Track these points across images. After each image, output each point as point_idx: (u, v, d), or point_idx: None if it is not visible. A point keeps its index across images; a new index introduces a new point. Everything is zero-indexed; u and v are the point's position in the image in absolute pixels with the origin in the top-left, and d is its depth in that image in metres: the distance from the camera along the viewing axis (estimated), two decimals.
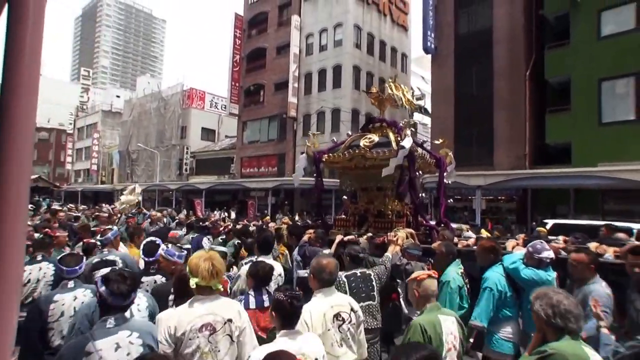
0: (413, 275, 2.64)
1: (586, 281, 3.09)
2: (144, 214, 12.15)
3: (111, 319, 2.04)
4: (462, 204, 17.32)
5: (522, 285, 3.29)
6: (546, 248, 3.30)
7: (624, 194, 12.45)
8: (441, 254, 3.83)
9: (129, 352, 2.00)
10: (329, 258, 2.78)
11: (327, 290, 2.62)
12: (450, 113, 16.92)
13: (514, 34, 15.36)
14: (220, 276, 2.34)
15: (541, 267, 3.25)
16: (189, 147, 31.85)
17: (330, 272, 2.64)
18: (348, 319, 2.49)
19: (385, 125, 5.78)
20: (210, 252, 2.49)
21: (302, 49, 24.14)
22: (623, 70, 12.62)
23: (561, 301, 1.88)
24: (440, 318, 2.40)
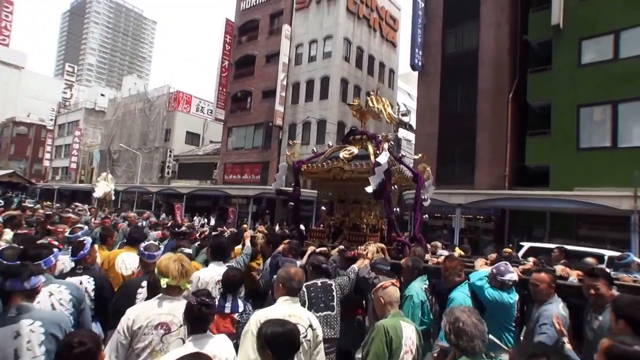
0: (378, 285, 2.82)
1: (544, 301, 3.13)
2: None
3: (13, 309, 2.13)
4: (441, 222, 17.43)
5: (485, 304, 3.30)
6: (509, 270, 3.32)
7: (598, 219, 12.72)
8: (407, 268, 3.86)
9: (29, 339, 2.07)
10: (296, 267, 2.77)
11: (292, 300, 2.60)
12: (435, 130, 17.11)
13: (498, 57, 15.70)
14: (189, 276, 2.48)
15: (504, 289, 3.27)
16: (173, 150, 31.40)
17: (298, 281, 2.62)
18: (303, 333, 2.42)
19: (365, 138, 5.72)
20: (178, 254, 2.64)
21: (292, 59, 24.19)
22: (601, 98, 12.98)
23: (459, 319, 1.94)
24: (402, 324, 2.58)
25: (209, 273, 3.69)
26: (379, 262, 4.06)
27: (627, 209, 10.87)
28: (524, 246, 9.97)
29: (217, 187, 25.65)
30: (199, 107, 34.27)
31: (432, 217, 17.03)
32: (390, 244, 5.35)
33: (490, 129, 15.38)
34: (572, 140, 13.28)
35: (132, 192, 31.24)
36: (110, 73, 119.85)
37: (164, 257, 2.55)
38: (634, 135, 12.54)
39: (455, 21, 17.48)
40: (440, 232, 16.98)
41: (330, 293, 3.42)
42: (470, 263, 4.55)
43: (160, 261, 2.52)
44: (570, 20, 13.74)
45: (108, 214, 12.94)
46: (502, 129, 15.01)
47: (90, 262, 3.50)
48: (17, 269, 2.21)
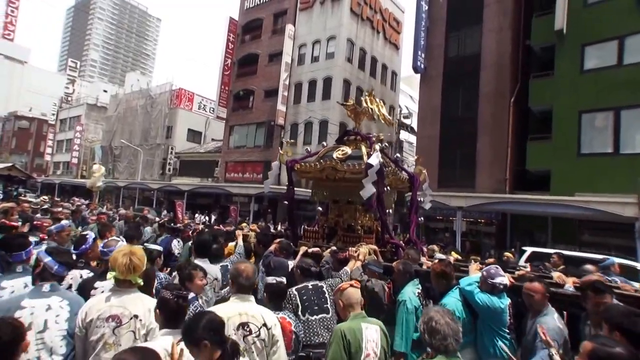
0: (337, 287, 2.80)
1: (539, 312, 3.06)
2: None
3: (47, 285, 2.41)
4: (442, 224, 17.44)
5: (476, 308, 3.26)
6: (500, 274, 3.26)
7: (601, 225, 12.71)
8: (398, 272, 3.78)
9: (58, 314, 2.33)
10: (247, 263, 2.69)
11: (242, 297, 2.49)
12: (436, 133, 17.12)
13: (501, 61, 15.70)
14: (138, 271, 2.42)
15: (495, 293, 3.21)
16: (174, 147, 31.44)
17: (247, 277, 2.51)
18: (256, 332, 2.34)
19: (359, 139, 5.74)
20: (132, 248, 2.58)
21: (294, 59, 24.21)
22: (603, 104, 12.98)
23: (432, 318, 1.99)
24: (363, 325, 2.52)
25: None
26: (372, 264, 4.02)
27: (631, 216, 10.85)
28: (527, 251, 9.97)
29: (218, 185, 25.67)
30: (201, 105, 34.31)
31: (433, 219, 17.04)
32: (384, 246, 5.35)
33: (491, 133, 15.38)
34: (573, 145, 13.28)
35: (133, 188, 31.31)
36: (113, 69, 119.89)
37: (115, 251, 2.53)
38: (637, 142, 12.53)
39: (458, 25, 17.48)
40: (442, 234, 17.00)
41: (323, 295, 3.36)
42: (465, 267, 4.53)
43: (112, 254, 2.49)
44: (574, 26, 13.74)
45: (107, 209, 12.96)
46: (503, 133, 15.01)
47: (92, 256, 3.47)
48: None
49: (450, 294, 3.41)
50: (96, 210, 12.38)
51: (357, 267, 3.97)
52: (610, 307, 2.50)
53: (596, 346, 1.71)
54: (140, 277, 2.45)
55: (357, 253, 4.18)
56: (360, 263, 4.06)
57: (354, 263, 4.04)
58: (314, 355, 3.07)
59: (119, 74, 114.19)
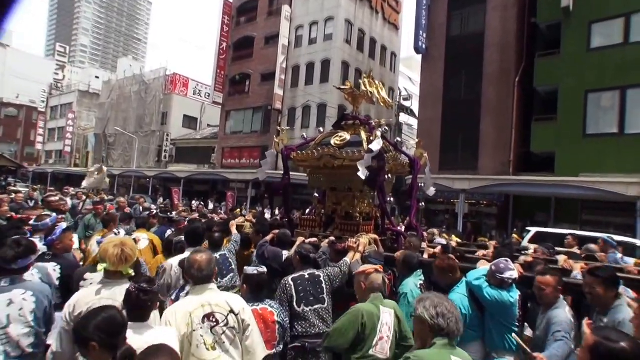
0: (361, 269, 2.83)
1: (550, 305, 2.95)
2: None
3: (6, 279, 2.33)
4: (443, 206, 17.34)
5: (484, 304, 3.13)
6: (510, 267, 3.11)
7: (602, 205, 12.65)
8: (400, 262, 3.69)
9: (21, 307, 2.27)
10: (203, 253, 2.50)
11: (199, 288, 2.33)
12: (438, 115, 16.84)
13: (505, 40, 15.36)
14: (130, 262, 2.38)
15: (504, 287, 3.07)
16: (170, 134, 30.96)
17: (199, 269, 2.34)
18: (223, 321, 2.22)
19: (358, 123, 5.48)
20: (122, 238, 2.55)
21: (291, 41, 23.64)
22: (609, 83, 12.76)
23: (442, 302, 1.95)
24: (381, 309, 2.58)
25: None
26: (373, 255, 3.85)
27: (634, 195, 10.78)
28: (531, 231, 9.85)
29: (215, 172, 25.36)
30: (196, 90, 33.67)
31: (434, 202, 16.92)
32: (385, 235, 5.22)
33: (495, 114, 15.13)
34: (579, 126, 13.10)
35: (129, 176, 30.88)
36: (104, 55, 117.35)
37: (105, 241, 2.49)
38: None
39: (461, 3, 17.02)
40: (443, 216, 16.92)
41: (319, 285, 3.26)
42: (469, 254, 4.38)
43: (102, 245, 2.44)
44: (581, 3, 13.40)
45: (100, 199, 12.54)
46: (508, 114, 14.78)
47: (61, 248, 3.27)
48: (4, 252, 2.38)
49: (455, 289, 3.28)
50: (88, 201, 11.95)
51: (357, 260, 3.76)
52: None
53: (598, 340, 1.58)
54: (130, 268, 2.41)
55: (357, 244, 3.96)
56: (359, 255, 3.86)
57: (353, 254, 3.84)
58: (309, 346, 3.02)
59: (110, 59, 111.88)
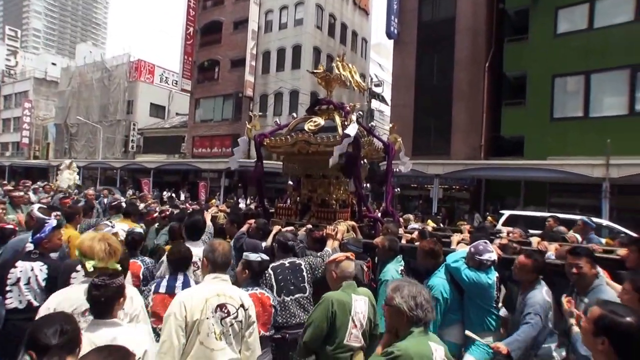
0: (332, 257, 2.77)
1: (529, 286, 3.01)
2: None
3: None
4: (417, 192, 17.56)
5: (463, 286, 3.17)
6: (489, 249, 3.16)
7: (569, 187, 13.13)
8: (383, 249, 3.62)
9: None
10: (222, 240, 2.54)
11: (219, 277, 2.32)
12: (411, 101, 16.89)
13: (475, 26, 15.47)
14: (117, 255, 2.31)
15: (482, 269, 3.11)
16: (137, 123, 29.70)
17: (223, 254, 2.35)
18: (234, 314, 2.22)
19: (332, 108, 5.39)
20: (103, 233, 2.52)
21: (261, 26, 23.02)
22: (575, 68, 13.13)
23: (420, 292, 1.90)
24: (353, 297, 2.51)
25: None
26: (351, 242, 3.79)
27: (599, 177, 11.20)
28: (504, 214, 10.10)
29: (186, 161, 24.65)
30: (162, 77, 32.31)
31: (407, 187, 17.10)
32: (362, 221, 5.20)
33: (466, 99, 15.32)
34: (546, 110, 13.46)
35: (94, 168, 29.55)
36: (61, 40, 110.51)
37: (86, 237, 2.35)
38: (605, 105, 12.85)
39: None
40: (416, 202, 17.14)
41: (300, 274, 3.21)
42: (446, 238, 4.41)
43: (82, 242, 2.31)
44: None
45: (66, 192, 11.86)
46: (478, 99, 14.99)
47: (49, 247, 3.08)
48: None
49: (437, 273, 3.30)
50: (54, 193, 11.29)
51: (335, 247, 3.73)
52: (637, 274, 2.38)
53: (604, 313, 1.58)
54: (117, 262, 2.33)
55: (335, 231, 3.91)
56: (338, 242, 3.81)
57: (332, 242, 3.80)
58: (290, 337, 2.97)
59: (67, 45, 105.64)
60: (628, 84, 12.46)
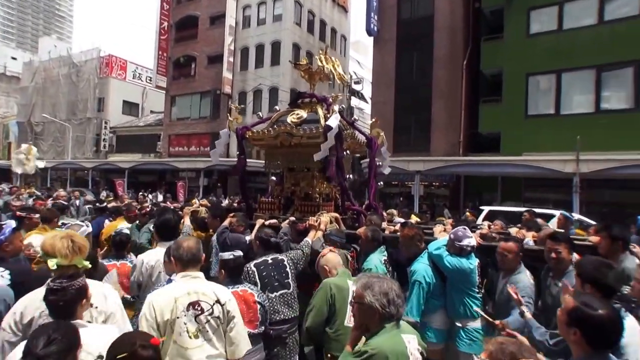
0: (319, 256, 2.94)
1: (512, 271, 3.11)
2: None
3: None
4: (398, 189, 17.84)
5: (445, 272, 3.27)
6: (468, 235, 3.26)
7: (542, 182, 13.69)
8: (366, 239, 3.70)
9: None
10: (190, 238, 2.56)
11: (190, 274, 2.28)
12: (391, 98, 17.09)
13: (453, 24, 15.81)
14: (83, 252, 2.26)
15: (463, 255, 3.22)
16: (109, 121, 28.65)
17: (188, 250, 2.31)
18: (208, 310, 2.19)
19: (315, 101, 5.45)
20: (68, 231, 2.47)
21: (239, 21, 22.69)
22: (547, 67, 13.65)
23: (391, 287, 1.86)
24: (349, 283, 2.62)
25: (156, 256, 3.14)
26: (334, 233, 3.86)
27: (570, 172, 11.74)
28: (484, 210, 10.44)
29: (162, 161, 24.07)
30: (135, 73, 31.26)
31: (388, 184, 17.35)
32: (345, 213, 5.28)
33: (445, 97, 15.66)
34: (521, 107, 13.95)
35: (63, 168, 28.39)
36: (21, 33, 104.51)
37: (49, 236, 2.34)
38: (574, 103, 13.46)
39: None
40: (397, 199, 17.41)
41: (284, 269, 3.22)
42: (428, 230, 4.51)
43: (44, 241, 2.28)
44: None
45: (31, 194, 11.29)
46: (457, 96, 15.36)
47: (10, 251, 2.82)
48: None
49: (419, 259, 3.38)
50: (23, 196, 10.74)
51: (319, 238, 3.79)
52: (583, 260, 2.50)
53: (578, 305, 1.68)
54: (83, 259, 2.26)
55: (318, 222, 3.98)
56: (321, 233, 3.88)
57: (314, 233, 3.86)
58: (274, 333, 2.98)
59: (29, 38, 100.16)
60: (594, 83, 13.10)
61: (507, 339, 1.55)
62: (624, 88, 12.80)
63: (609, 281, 2.18)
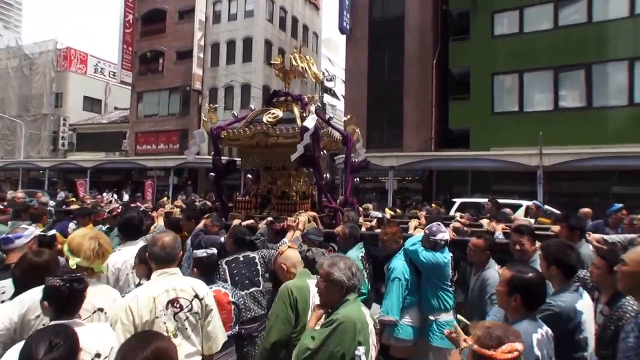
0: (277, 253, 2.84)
1: (482, 265, 3.25)
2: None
3: None
4: (371, 184, 18.24)
5: (421, 267, 3.35)
6: (442, 230, 3.37)
7: (509, 175, 14.50)
8: (344, 236, 3.75)
9: None
10: (167, 233, 2.47)
11: (167, 272, 2.21)
12: (364, 95, 17.45)
13: (423, 24, 16.40)
14: (106, 257, 2.26)
15: (437, 249, 3.32)
16: (68, 118, 27.12)
17: (162, 247, 2.21)
18: (188, 306, 2.15)
19: (290, 100, 5.49)
20: (96, 231, 2.43)
21: (209, 16, 22.22)
22: (510, 67, 14.51)
23: (353, 263, 2.12)
24: (309, 282, 2.47)
25: (122, 257, 3.05)
26: (312, 232, 3.89)
27: (534, 165, 12.55)
28: (456, 202, 11.01)
29: (129, 159, 23.11)
30: (97, 67, 29.77)
31: (362, 180, 17.70)
32: (322, 211, 5.31)
33: (416, 94, 16.21)
34: (488, 105, 14.73)
35: (14, 168, 26.50)
36: None
37: (77, 234, 2.30)
38: (536, 101, 14.40)
39: None
40: (371, 194, 17.80)
41: (254, 267, 3.25)
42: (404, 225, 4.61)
43: (73, 238, 2.26)
44: None
45: None
46: (428, 94, 15.95)
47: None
48: None
49: (397, 257, 3.45)
50: None
51: (297, 237, 3.81)
52: (548, 243, 2.62)
53: (514, 274, 1.96)
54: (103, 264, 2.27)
55: (296, 222, 4.00)
56: (299, 233, 3.89)
57: (292, 233, 3.87)
58: (245, 332, 2.99)
59: None
60: (553, 83, 14.08)
61: (493, 323, 1.60)
62: (578, 88, 13.87)
63: (572, 261, 2.35)
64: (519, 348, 1.38)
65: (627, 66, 13.01)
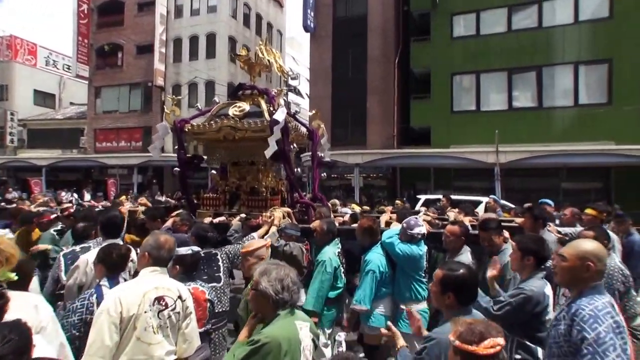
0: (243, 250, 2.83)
1: (457, 251, 3.39)
2: None
3: None
4: (337, 182, 18.50)
5: (396, 259, 3.47)
6: (419, 224, 3.50)
7: (469, 172, 15.16)
8: (322, 231, 3.74)
9: None
10: (166, 235, 2.49)
11: (159, 270, 2.27)
12: (328, 93, 17.60)
13: (385, 24, 16.74)
14: (11, 263, 1.95)
15: (413, 242, 3.44)
16: (16, 112, 25.45)
17: (168, 250, 2.32)
18: (172, 306, 2.19)
19: (256, 93, 5.41)
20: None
21: (170, 10, 21.60)
22: (468, 68, 15.13)
23: (288, 274, 1.90)
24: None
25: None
26: (289, 227, 3.91)
27: (491, 162, 13.19)
28: (421, 198, 11.44)
29: (88, 157, 22.16)
30: (49, 60, 28.04)
31: (328, 178, 17.92)
32: (294, 207, 5.28)
33: (379, 93, 16.57)
34: (448, 104, 15.30)
35: None
36: None
37: None
38: (492, 101, 15.12)
39: None
40: (338, 191, 18.07)
41: (215, 263, 3.23)
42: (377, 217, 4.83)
43: None
44: None
45: None
46: (390, 92, 16.34)
47: None
48: None
49: (373, 249, 3.54)
50: None
51: (273, 232, 3.83)
52: (522, 237, 2.81)
53: (445, 272, 1.96)
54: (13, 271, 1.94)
55: (272, 218, 4.01)
56: (275, 228, 3.90)
57: (265, 229, 3.87)
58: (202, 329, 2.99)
59: None
60: (507, 84, 14.83)
61: (475, 319, 1.60)
62: (530, 89, 14.68)
63: (546, 253, 2.58)
64: (501, 343, 1.38)
65: (573, 69, 13.91)
